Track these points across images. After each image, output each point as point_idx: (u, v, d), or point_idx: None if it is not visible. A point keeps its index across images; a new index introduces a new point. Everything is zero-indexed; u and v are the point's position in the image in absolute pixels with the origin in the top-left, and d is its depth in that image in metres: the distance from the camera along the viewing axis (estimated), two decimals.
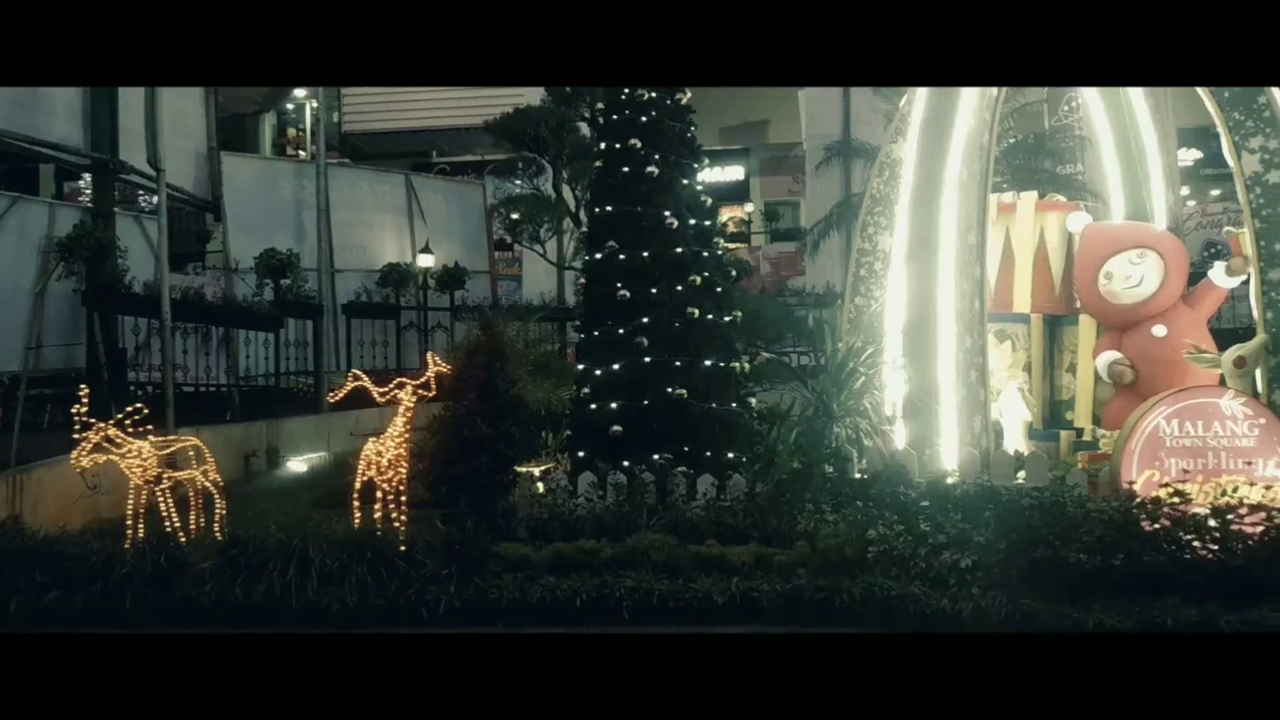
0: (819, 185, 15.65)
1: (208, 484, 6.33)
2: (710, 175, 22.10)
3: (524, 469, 6.49)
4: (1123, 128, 7.62)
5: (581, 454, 6.56)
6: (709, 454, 6.37)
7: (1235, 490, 5.35)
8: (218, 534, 6.08)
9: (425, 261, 13.84)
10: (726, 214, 23.13)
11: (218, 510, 6.32)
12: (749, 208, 23.02)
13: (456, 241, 15.10)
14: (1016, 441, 6.88)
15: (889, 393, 6.52)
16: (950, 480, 5.79)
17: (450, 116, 18.61)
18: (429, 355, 6.28)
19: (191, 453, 6.39)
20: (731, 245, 19.84)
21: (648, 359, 6.41)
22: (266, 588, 5.15)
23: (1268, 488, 5.46)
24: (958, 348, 6.00)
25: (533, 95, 13.48)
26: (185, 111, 12.45)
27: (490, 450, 6.04)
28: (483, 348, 6.46)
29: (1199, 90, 6.41)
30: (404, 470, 5.88)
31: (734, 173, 23.28)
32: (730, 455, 6.43)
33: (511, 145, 13.38)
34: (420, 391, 5.97)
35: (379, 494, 5.93)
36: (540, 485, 6.37)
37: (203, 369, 10.59)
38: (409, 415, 5.92)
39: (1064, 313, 7.38)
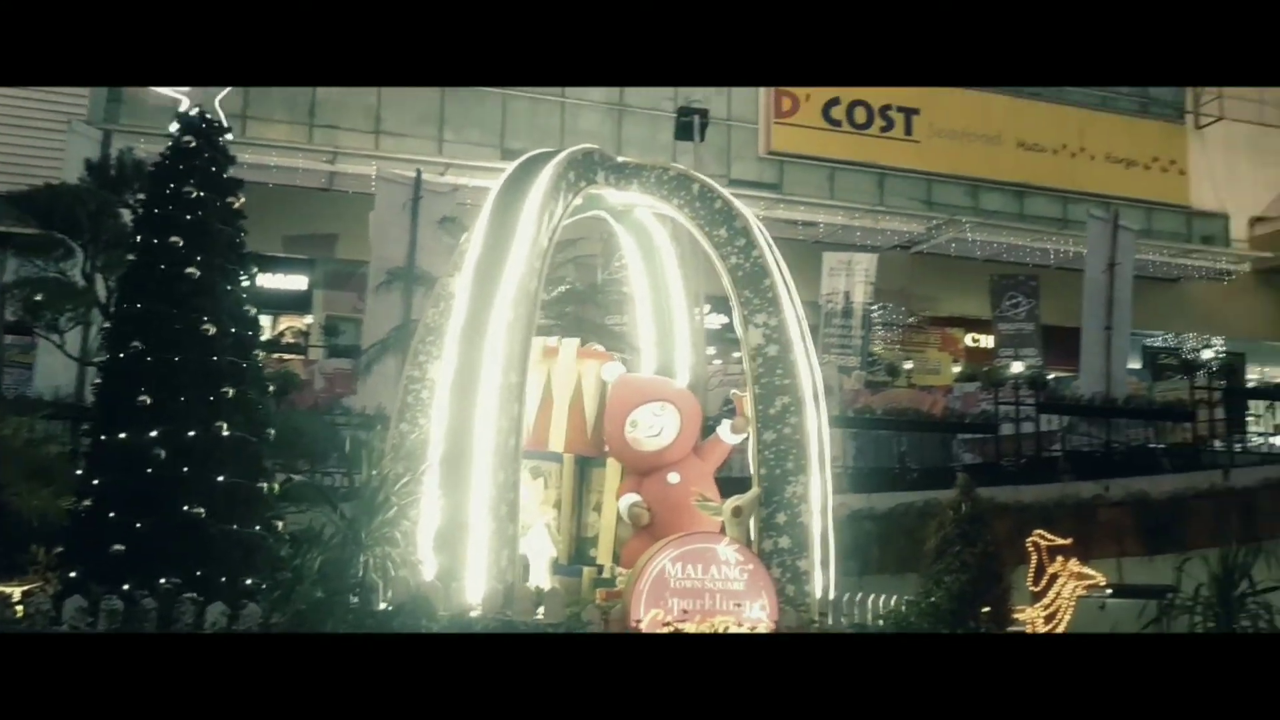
0: (379, 306, 15.65)
1: None
2: (272, 281, 21.32)
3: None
4: (658, 289, 8.36)
5: (74, 574, 5.85)
6: (224, 580, 5.95)
7: (726, 630, 5.90)
8: None
9: None
10: (285, 323, 22.31)
11: None
12: (309, 319, 22.39)
13: None
14: (542, 577, 7.10)
15: (423, 523, 6.49)
16: (473, 614, 5.83)
17: None
18: None
19: None
20: (288, 356, 19.07)
21: (164, 472, 5.92)
22: None
23: (753, 628, 6.07)
24: (491, 482, 6.13)
25: (71, 172, 12.35)
26: None
27: None
28: None
29: (720, 268, 7.22)
30: None
31: (297, 282, 22.63)
32: (249, 582, 6.05)
33: (40, 222, 12.06)
34: None
35: None
36: (20, 607, 5.59)
37: None
38: None
39: (594, 454, 7.81)
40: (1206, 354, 20.11)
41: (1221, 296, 26.49)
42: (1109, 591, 9.15)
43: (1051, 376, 18.25)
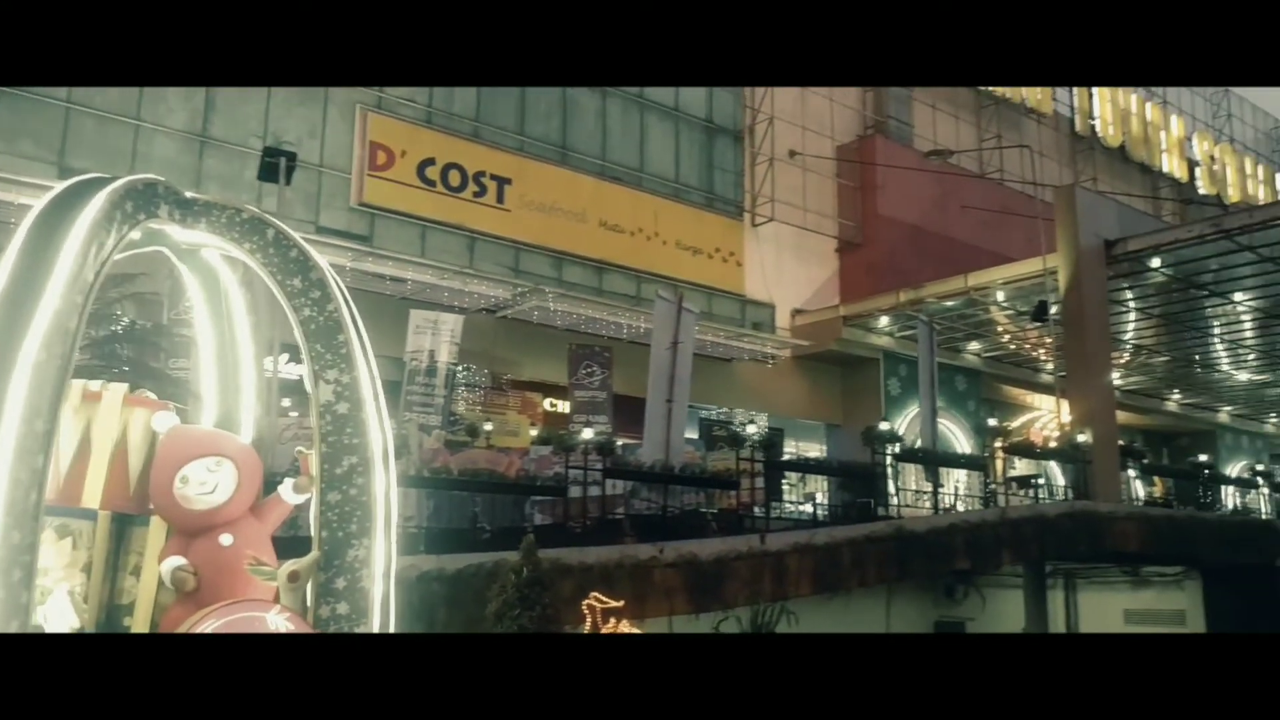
0: None
1: None
2: None
3: None
4: (224, 336, 7.83)
5: None
6: None
7: None
8: None
9: None
10: None
11: None
12: None
13: None
14: None
15: None
16: None
17: None
18: None
19: None
20: None
21: None
22: None
23: None
24: (3, 543, 5.36)
25: None
26: None
27: None
28: None
29: (292, 320, 6.90)
30: None
31: None
32: None
33: None
34: None
35: None
36: None
37: None
38: None
39: (136, 512, 7.12)
40: (751, 428, 22.24)
41: (766, 377, 29.62)
42: None
43: (620, 443, 19.29)
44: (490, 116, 25.50)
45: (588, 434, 18.28)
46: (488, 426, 21.74)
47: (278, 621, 5.89)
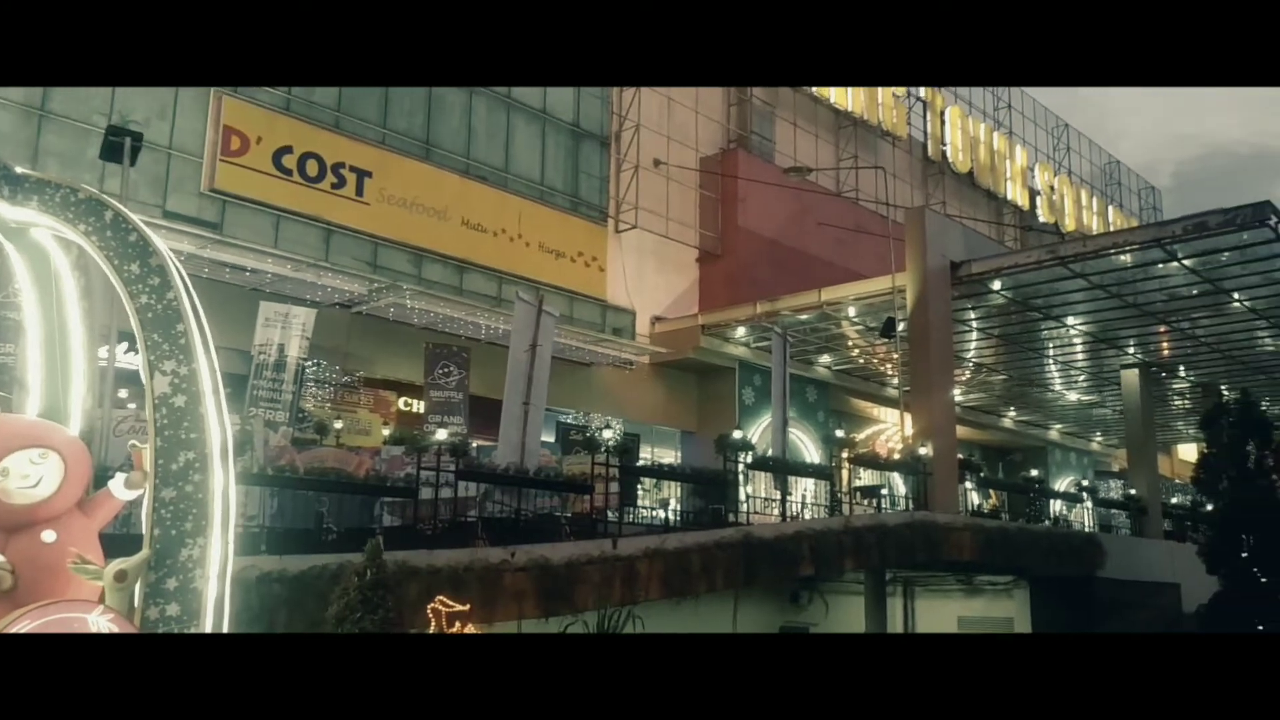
0: None
1: None
2: None
3: None
4: (53, 322, 7.45)
5: None
6: None
7: None
8: None
9: None
10: None
11: None
12: None
13: None
14: None
15: None
16: None
17: None
18: None
19: None
20: None
21: None
22: None
23: None
24: None
25: None
26: None
27: None
28: None
29: (128, 307, 6.59)
30: None
31: None
32: None
33: None
34: None
35: None
36: None
37: None
38: None
39: None
40: (608, 433, 22.34)
41: (624, 383, 29.80)
42: None
43: (475, 445, 19.08)
44: (352, 107, 24.94)
45: (442, 435, 18.02)
46: (338, 424, 21.21)
47: (100, 623, 5.61)
